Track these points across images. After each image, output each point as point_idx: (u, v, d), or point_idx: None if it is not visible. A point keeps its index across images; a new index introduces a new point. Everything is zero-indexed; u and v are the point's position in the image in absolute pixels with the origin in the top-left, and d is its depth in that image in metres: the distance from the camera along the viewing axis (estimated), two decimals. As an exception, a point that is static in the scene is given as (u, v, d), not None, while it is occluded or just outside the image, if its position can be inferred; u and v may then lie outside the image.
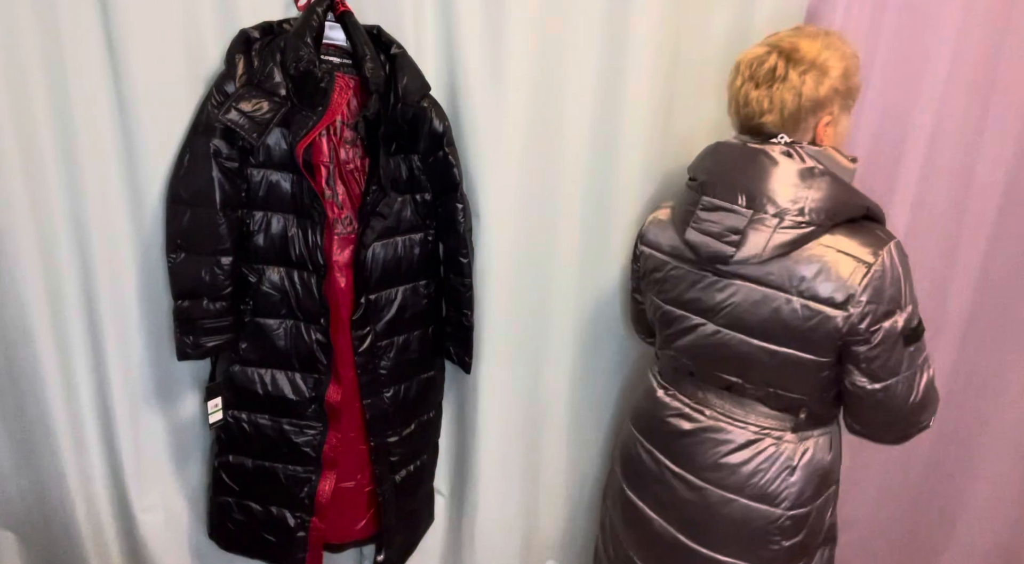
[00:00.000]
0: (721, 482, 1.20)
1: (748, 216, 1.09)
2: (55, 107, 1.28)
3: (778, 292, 1.09)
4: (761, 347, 1.14)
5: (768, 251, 1.08)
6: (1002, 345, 1.69)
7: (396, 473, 1.53)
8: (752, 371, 1.17)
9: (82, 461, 1.48)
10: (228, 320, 1.35)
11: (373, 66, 1.31)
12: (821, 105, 1.10)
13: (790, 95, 1.09)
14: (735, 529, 1.20)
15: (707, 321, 1.19)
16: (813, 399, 1.16)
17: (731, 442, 1.19)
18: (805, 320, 1.08)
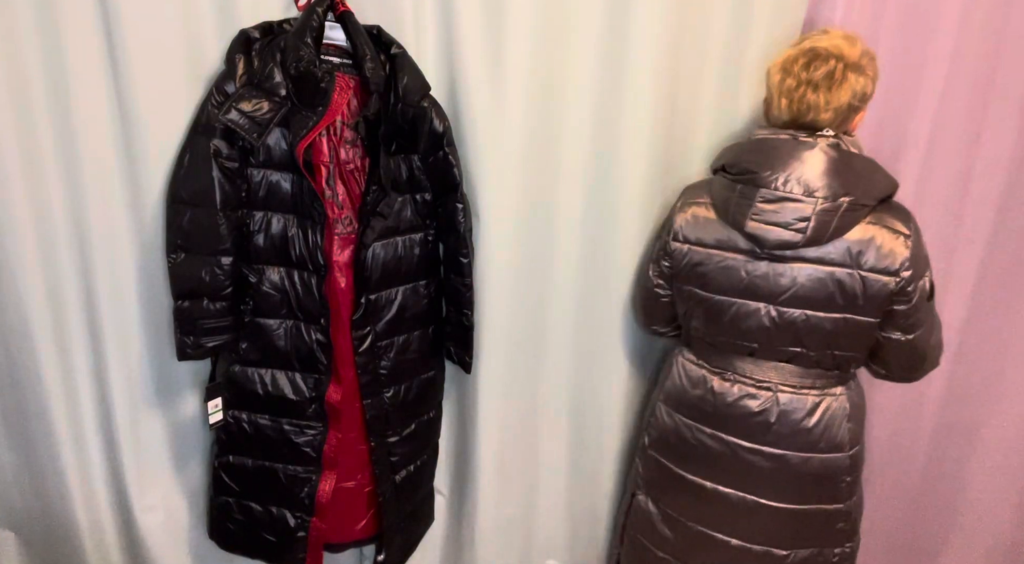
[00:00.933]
0: (798, 444, 1.35)
1: (813, 204, 1.22)
2: (55, 107, 1.28)
3: (840, 268, 1.25)
4: (826, 317, 1.29)
5: (831, 233, 1.23)
6: (1001, 344, 1.69)
7: (396, 473, 1.53)
8: (815, 340, 1.31)
9: (82, 461, 1.48)
10: (228, 320, 1.35)
11: (373, 66, 1.31)
12: (864, 102, 1.27)
13: (847, 96, 1.23)
14: (815, 480, 1.36)
15: (770, 304, 1.31)
16: (863, 354, 1.35)
17: (801, 409, 1.34)
18: (867, 289, 1.25)
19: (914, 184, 1.59)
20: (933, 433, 1.79)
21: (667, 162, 1.56)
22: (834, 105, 1.23)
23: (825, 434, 1.34)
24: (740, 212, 1.29)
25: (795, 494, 1.37)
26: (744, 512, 1.40)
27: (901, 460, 1.82)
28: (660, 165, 1.55)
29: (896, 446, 1.80)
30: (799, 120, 1.27)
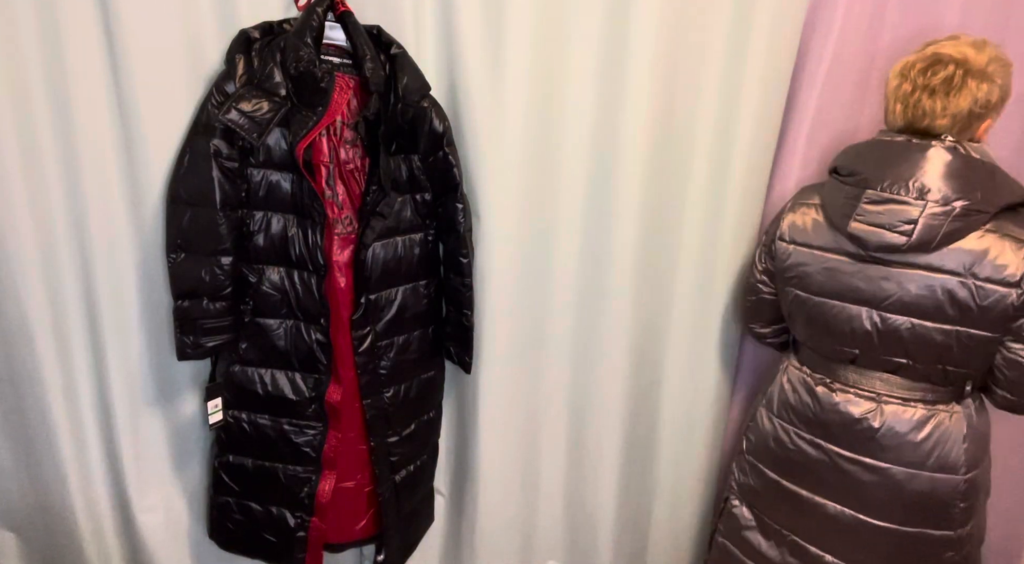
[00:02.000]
0: (903, 460, 1.29)
1: (921, 207, 1.19)
2: (55, 107, 1.28)
3: (951, 277, 1.20)
4: (935, 328, 1.24)
5: (940, 239, 1.19)
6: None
7: (396, 473, 1.53)
8: (923, 351, 1.26)
9: (82, 461, 1.48)
10: (228, 320, 1.35)
11: (373, 66, 1.31)
12: (990, 110, 1.23)
13: (967, 102, 1.20)
14: (921, 500, 1.30)
15: (873, 309, 1.28)
16: (979, 371, 1.28)
17: (907, 421, 1.29)
18: (981, 300, 1.19)
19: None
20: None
21: (667, 162, 1.56)
22: (952, 111, 1.21)
23: (935, 451, 1.28)
24: (845, 213, 1.28)
25: (898, 513, 1.32)
26: (841, 527, 1.36)
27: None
28: (660, 165, 1.55)
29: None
30: (914, 125, 1.25)
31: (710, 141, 1.57)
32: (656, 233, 1.61)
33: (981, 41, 1.24)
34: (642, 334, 1.68)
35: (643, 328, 1.68)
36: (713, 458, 1.84)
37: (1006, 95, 1.23)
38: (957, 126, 1.22)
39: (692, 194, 1.61)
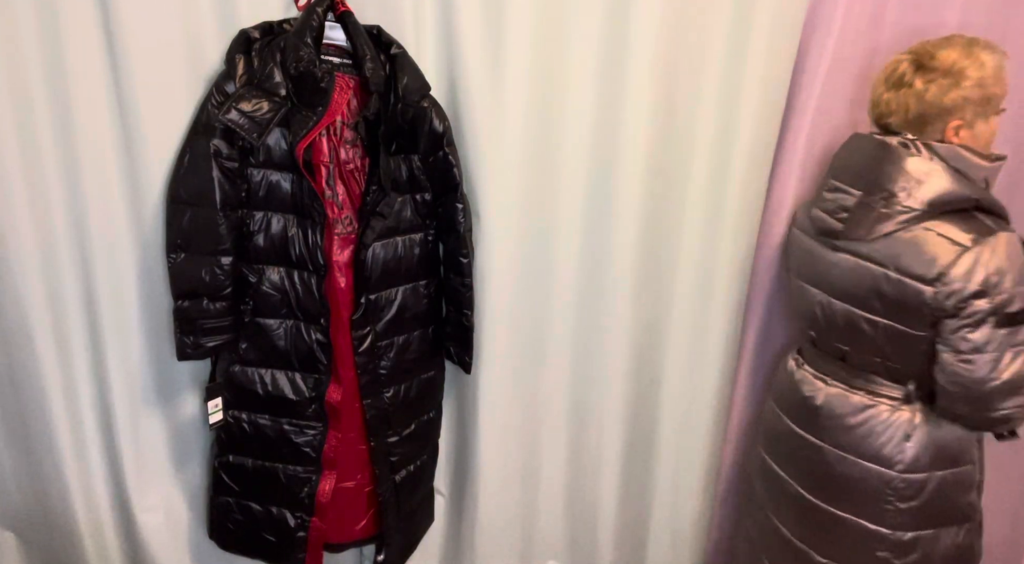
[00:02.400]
0: (836, 441, 1.33)
1: (857, 198, 1.25)
2: (55, 107, 1.28)
3: (880, 267, 1.23)
4: (864, 317, 1.27)
5: (873, 230, 1.23)
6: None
7: (396, 473, 1.53)
8: (859, 341, 1.30)
9: (82, 461, 1.48)
10: (228, 320, 1.35)
11: (373, 66, 1.31)
12: (948, 112, 1.21)
13: (913, 100, 1.22)
14: (850, 485, 1.32)
15: (823, 292, 1.35)
16: (918, 372, 1.26)
17: (847, 404, 1.32)
18: (900, 293, 1.21)
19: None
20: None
21: (666, 162, 1.56)
22: (896, 107, 1.24)
23: (868, 439, 1.28)
24: (815, 198, 1.40)
25: (830, 493, 1.34)
26: (795, 505, 1.42)
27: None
28: (659, 165, 1.55)
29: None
30: (878, 122, 1.31)
31: (710, 141, 1.57)
32: (656, 233, 1.61)
33: (966, 40, 1.22)
34: (642, 334, 1.68)
35: (643, 328, 1.68)
36: (713, 458, 1.84)
37: (983, 98, 1.20)
38: (910, 124, 1.24)
39: (692, 194, 1.61)
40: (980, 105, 1.21)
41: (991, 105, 1.23)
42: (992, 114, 1.25)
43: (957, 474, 1.30)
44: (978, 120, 1.23)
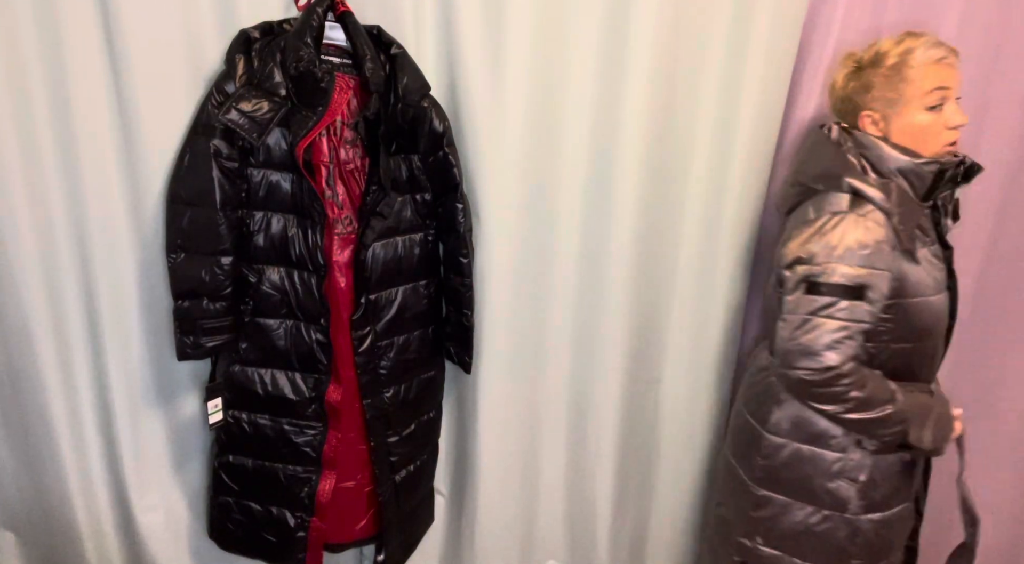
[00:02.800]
0: (739, 397, 1.50)
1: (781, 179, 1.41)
2: (55, 107, 1.28)
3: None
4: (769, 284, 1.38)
5: (782, 206, 1.41)
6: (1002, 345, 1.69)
7: (396, 473, 1.53)
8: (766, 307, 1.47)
9: (82, 461, 1.48)
10: (228, 320, 1.35)
11: (373, 66, 1.31)
12: (854, 104, 1.31)
13: (833, 92, 1.36)
14: (741, 436, 1.45)
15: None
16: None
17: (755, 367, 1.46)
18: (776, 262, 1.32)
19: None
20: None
21: (666, 162, 1.56)
22: (830, 99, 1.37)
23: (757, 399, 1.39)
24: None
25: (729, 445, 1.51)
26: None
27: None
28: (659, 165, 1.55)
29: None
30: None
31: (710, 141, 1.57)
32: (656, 233, 1.61)
33: (904, 37, 1.26)
34: (642, 334, 1.68)
35: (643, 328, 1.68)
36: (712, 458, 1.84)
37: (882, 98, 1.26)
38: (837, 113, 1.35)
39: (692, 194, 1.61)
40: (881, 102, 1.26)
41: (890, 103, 1.26)
42: (915, 109, 1.24)
43: (814, 453, 1.32)
44: (891, 112, 1.26)
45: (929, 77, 1.23)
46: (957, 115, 1.24)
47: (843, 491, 1.32)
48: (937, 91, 1.23)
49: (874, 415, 1.21)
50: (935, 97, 1.23)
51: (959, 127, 1.24)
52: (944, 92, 1.23)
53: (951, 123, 1.24)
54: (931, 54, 1.23)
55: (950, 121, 1.23)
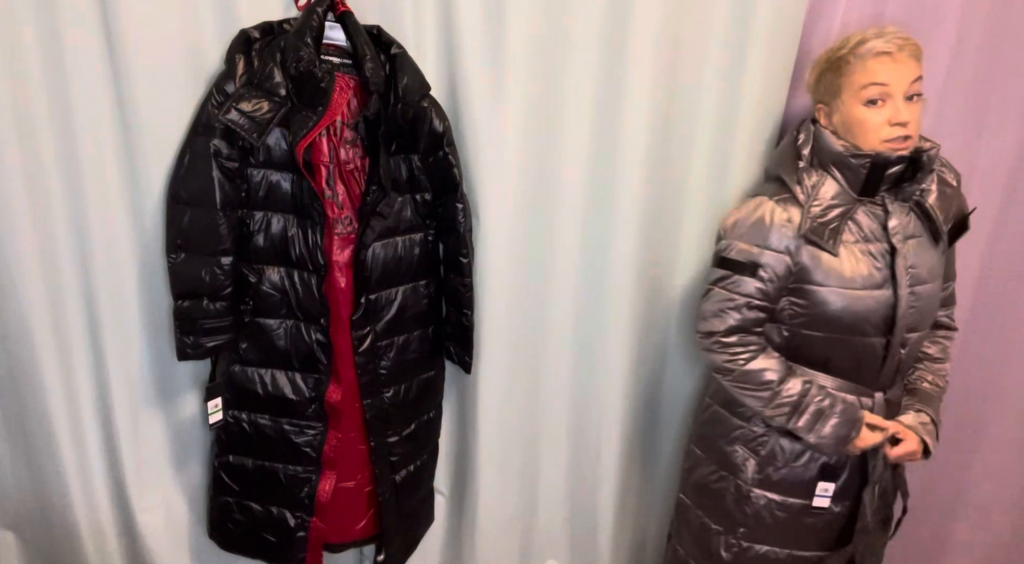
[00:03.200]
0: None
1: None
2: (55, 107, 1.28)
3: None
4: None
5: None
6: (1002, 345, 1.69)
7: (396, 473, 1.53)
8: None
9: (82, 461, 1.48)
10: (228, 320, 1.35)
11: (373, 66, 1.31)
12: (814, 97, 1.35)
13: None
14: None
15: None
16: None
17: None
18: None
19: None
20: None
21: (666, 162, 1.56)
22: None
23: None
24: None
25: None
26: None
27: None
28: (659, 165, 1.55)
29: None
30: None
31: (710, 141, 1.57)
32: (656, 233, 1.61)
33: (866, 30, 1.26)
34: (642, 333, 1.68)
35: (643, 327, 1.68)
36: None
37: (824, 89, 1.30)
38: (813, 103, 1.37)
39: (692, 194, 1.61)
40: (832, 91, 1.28)
41: (829, 94, 1.28)
42: (852, 103, 1.24)
43: (724, 416, 1.43)
44: (835, 106, 1.28)
45: (867, 72, 1.22)
46: (900, 112, 1.20)
47: (737, 457, 1.40)
48: (874, 86, 1.21)
49: (752, 391, 1.30)
50: (872, 92, 1.22)
51: (901, 125, 1.21)
52: (882, 88, 1.21)
53: (893, 120, 1.21)
54: (872, 47, 1.22)
55: (892, 118, 1.21)
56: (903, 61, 1.21)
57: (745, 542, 1.40)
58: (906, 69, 1.21)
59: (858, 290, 1.25)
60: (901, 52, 1.21)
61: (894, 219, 1.27)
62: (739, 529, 1.40)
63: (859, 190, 1.27)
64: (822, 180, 1.28)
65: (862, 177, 1.25)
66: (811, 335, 1.30)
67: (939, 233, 1.30)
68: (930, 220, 1.29)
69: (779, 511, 1.37)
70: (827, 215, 1.25)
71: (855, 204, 1.27)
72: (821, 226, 1.25)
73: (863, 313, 1.26)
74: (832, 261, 1.25)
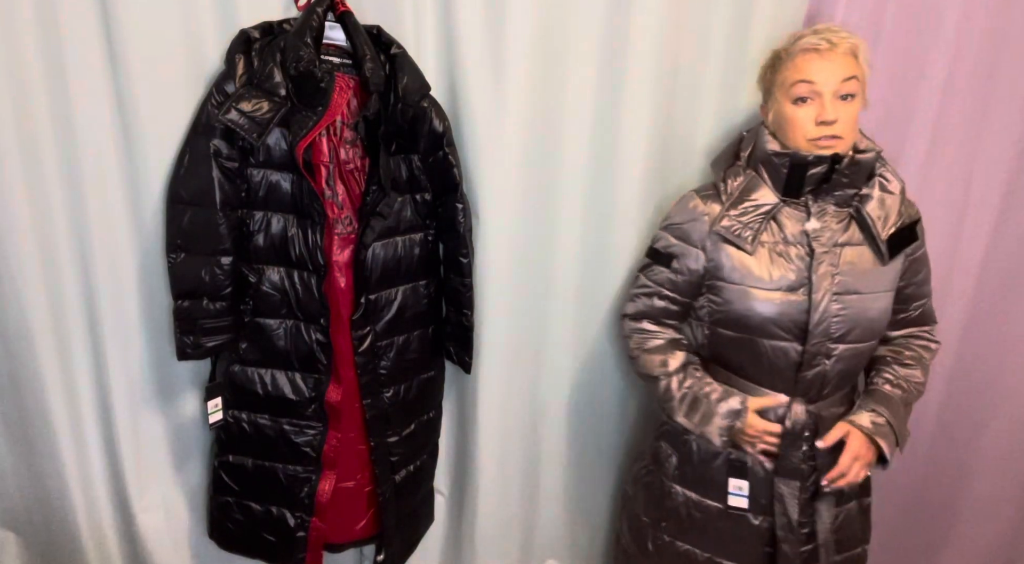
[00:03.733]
0: None
1: None
2: (55, 107, 1.28)
3: None
4: None
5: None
6: (1002, 345, 1.69)
7: (396, 473, 1.53)
8: None
9: (82, 461, 1.48)
10: (228, 320, 1.35)
11: (373, 66, 1.31)
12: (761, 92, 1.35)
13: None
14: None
15: None
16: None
17: None
18: None
19: (914, 184, 1.59)
20: (933, 433, 1.78)
21: (666, 162, 1.56)
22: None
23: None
24: None
25: None
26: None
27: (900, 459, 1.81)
28: (659, 165, 1.55)
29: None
30: None
31: (710, 141, 1.57)
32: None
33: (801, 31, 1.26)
34: (642, 334, 1.68)
35: (643, 328, 1.68)
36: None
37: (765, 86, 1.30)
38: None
39: (692, 194, 1.61)
40: (767, 89, 1.28)
41: (775, 90, 1.26)
42: (781, 100, 1.23)
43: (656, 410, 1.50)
44: (770, 103, 1.28)
45: (796, 69, 1.21)
46: (826, 111, 1.17)
47: (662, 452, 1.42)
48: (801, 84, 1.19)
49: (649, 379, 1.36)
50: (800, 89, 1.20)
51: (826, 124, 1.17)
52: (809, 85, 1.18)
53: (818, 118, 1.18)
54: (801, 44, 1.20)
55: (818, 116, 1.18)
56: (833, 59, 1.18)
57: (668, 537, 1.39)
58: (836, 67, 1.17)
59: (767, 290, 1.22)
60: (833, 49, 1.18)
61: (814, 222, 1.23)
62: (662, 523, 1.40)
63: (783, 190, 1.24)
64: (752, 179, 1.27)
65: (783, 177, 1.23)
66: (725, 334, 1.29)
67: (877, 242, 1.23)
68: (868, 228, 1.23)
69: (696, 511, 1.35)
70: (749, 214, 1.24)
71: (779, 205, 1.25)
72: (741, 224, 1.24)
73: (770, 315, 1.22)
74: (746, 259, 1.24)
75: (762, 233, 1.24)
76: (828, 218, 1.23)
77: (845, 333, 1.22)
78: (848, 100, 1.19)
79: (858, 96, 1.20)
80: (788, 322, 1.22)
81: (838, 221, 1.23)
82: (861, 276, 1.22)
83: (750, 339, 1.26)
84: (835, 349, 1.23)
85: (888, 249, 1.23)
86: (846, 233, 1.23)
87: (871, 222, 1.22)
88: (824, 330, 1.21)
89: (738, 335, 1.27)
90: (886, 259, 1.23)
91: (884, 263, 1.24)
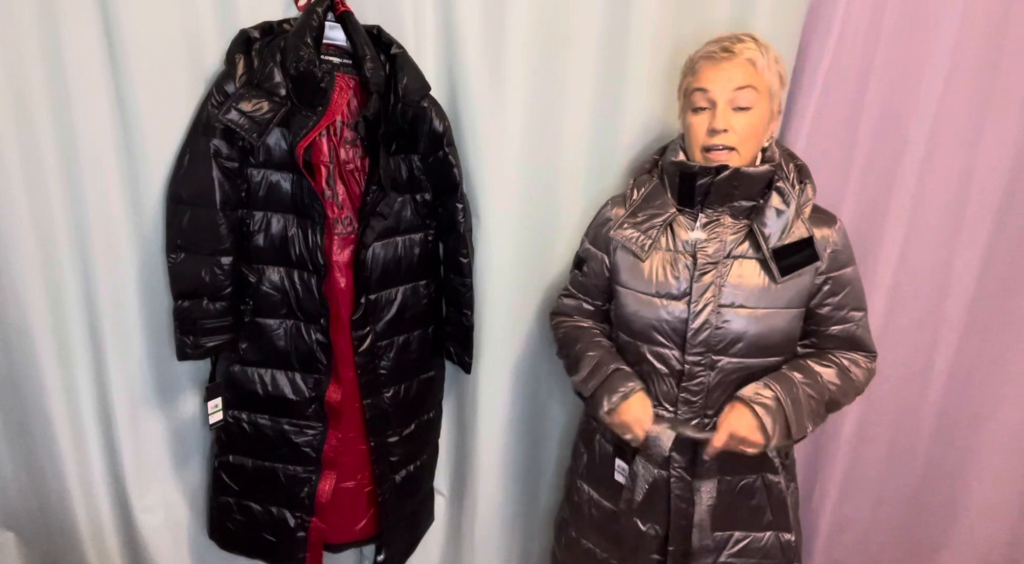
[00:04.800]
0: None
1: None
2: (55, 107, 1.28)
3: None
4: None
5: None
6: (1001, 345, 1.69)
7: (396, 473, 1.53)
8: None
9: (82, 461, 1.48)
10: (228, 320, 1.35)
11: (373, 66, 1.31)
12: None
13: None
14: None
15: None
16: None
17: None
18: None
19: (914, 184, 1.59)
20: (933, 433, 1.79)
21: (667, 162, 1.56)
22: None
23: None
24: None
25: None
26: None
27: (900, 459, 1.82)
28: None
29: (895, 445, 1.80)
30: None
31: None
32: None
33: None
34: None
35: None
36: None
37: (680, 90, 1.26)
38: None
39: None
40: (680, 94, 1.26)
41: (681, 98, 1.25)
42: (685, 109, 1.23)
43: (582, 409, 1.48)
44: (679, 109, 1.27)
45: (695, 77, 1.20)
46: (717, 120, 1.15)
47: (577, 449, 1.46)
48: (697, 92, 1.18)
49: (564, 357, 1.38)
50: (696, 98, 1.19)
51: (716, 132, 1.16)
52: (704, 94, 1.17)
53: (709, 127, 1.17)
54: (702, 51, 1.19)
55: (709, 125, 1.17)
56: (726, 68, 1.15)
57: (574, 532, 1.43)
58: (729, 76, 1.15)
59: (650, 296, 1.22)
60: (730, 58, 1.15)
61: (699, 233, 1.21)
62: (571, 520, 1.45)
63: (678, 199, 1.24)
64: (655, 188, 1.28)
65: (676, 186, 1.23)
66: (621, 337, 1.31)
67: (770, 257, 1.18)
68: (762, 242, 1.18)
69: (595, 509, 1.38)
70: (649, 221, 1.25)
71: (675, 214, 1.24)
72: (640, 232, 1.25)
73: (651, 320, 1.22)
74: (638, 264, 1.25)
75: (659, 240, 1.24)
76: (723, 229, 1.20)
77: (727, 346, 1.19)
78: (743, 111, 1.16)
79: (756, 107, 1.16)
80: (668, 329, 1.22)
81: (733, 233, 1.20)
82: (751, 290, 1.18)
83: (635, 344, 1.27)
84: (719, 361, 1.20)
85: (779, 266, 1.17)
86: (741, 246, 1.20)
87: (760, 237, 1.18)
88: (704, 341, 1.19)
89: (629, 339, 1.28)
90: (777, 276, 1.17)
91: (775, 280, 1.18)
